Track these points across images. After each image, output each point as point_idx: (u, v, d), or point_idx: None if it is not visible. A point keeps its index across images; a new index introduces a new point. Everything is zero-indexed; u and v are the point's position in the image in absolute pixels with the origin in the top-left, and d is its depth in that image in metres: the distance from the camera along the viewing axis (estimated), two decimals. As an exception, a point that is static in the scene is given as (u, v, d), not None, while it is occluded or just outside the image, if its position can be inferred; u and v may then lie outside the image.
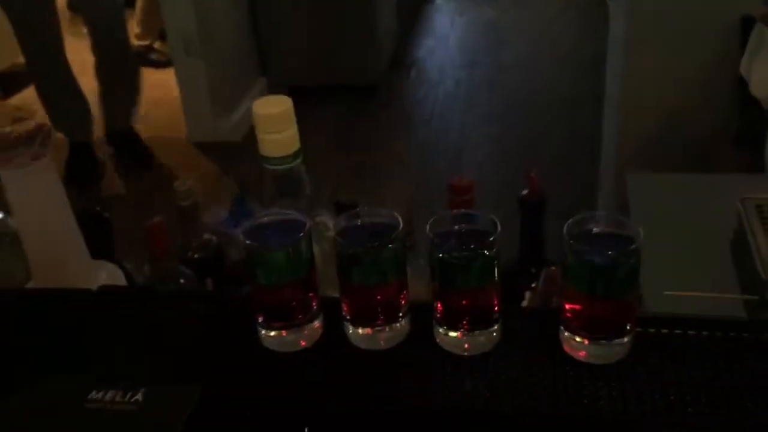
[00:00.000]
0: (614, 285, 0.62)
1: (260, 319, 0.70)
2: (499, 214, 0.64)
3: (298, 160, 0.82)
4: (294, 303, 0.69)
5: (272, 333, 0.70)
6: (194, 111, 3.00)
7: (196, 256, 1.13)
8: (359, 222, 0.67)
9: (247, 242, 0.65)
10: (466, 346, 0.67)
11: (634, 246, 0.61)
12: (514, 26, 3.96)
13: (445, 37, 3.89)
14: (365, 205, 0.71)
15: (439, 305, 0.67)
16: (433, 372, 0.67)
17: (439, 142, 3.06)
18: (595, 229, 0.63)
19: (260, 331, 0.71)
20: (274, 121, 0.80)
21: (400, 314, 0.69)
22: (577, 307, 0.64)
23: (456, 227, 0.66)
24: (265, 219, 0.69)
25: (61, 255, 0.91)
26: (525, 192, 1.05)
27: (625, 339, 0.65)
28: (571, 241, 0.62)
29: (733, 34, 2.15)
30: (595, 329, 0.64)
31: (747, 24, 2.08)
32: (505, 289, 0.66)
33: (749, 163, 1.89)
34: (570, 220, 0.63)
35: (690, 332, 0.68)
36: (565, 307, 0.66)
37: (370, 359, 0.69)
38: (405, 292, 0.69)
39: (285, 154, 0.79)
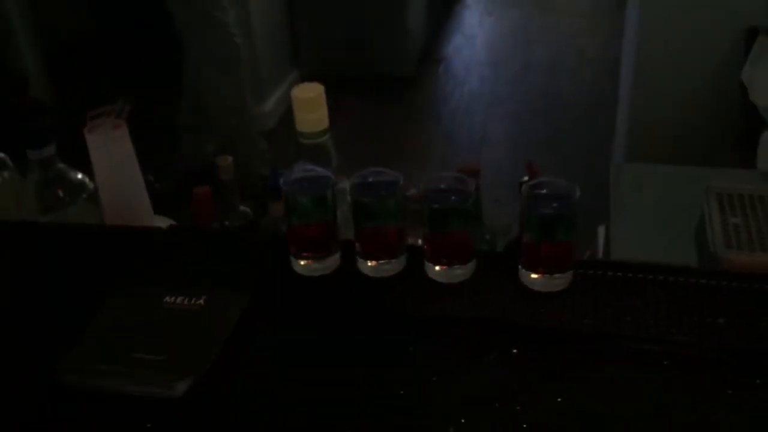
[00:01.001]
0: (556, 231, 0.84)
1: (293, 251, 0.93)
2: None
3: (327, 136, 1.04)
4: (319, 239, 0.92)
5: (302, 262, 0.93)
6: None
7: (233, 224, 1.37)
8: (370, 179, 0.89)
9: (285, 188, 0.88)
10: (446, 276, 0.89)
11: (571, 201, 0.82)
12: (541, 28, 4.13)
13: (474, 36, 4.08)
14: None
15: (428, 246, 0.89)
16: (424, 294, 0.89)
17: (462, 137, 3.26)
18: (544, 191, 0.84)
19: (293, 261, 0.93)
20: (310, 103, 1.03)
21: (399, 251, 0.91)
22: (530, 249, 0.86)
23: (443, 185, 0.88)
24: (300, 174, 0.91)
25: (132, 208, 1.14)
26: (525, 178, 1.25)
27: (566, 273, 0.87)
28: (526, 199, 0.84)
29: (738, 44, 2.30)
30: (544, 266, 0.86)
31: (751, 35, 2.24)
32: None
33: (748, 166, 2.05)
34: (525, 185, 0.84)
35: (629, 274, 0.89)
36: (522, 251, 0.87)
37: (376, 285, 0.91)
38: (404, 234, 0.91)
39: (318, 129, 1.01)
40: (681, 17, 2.28)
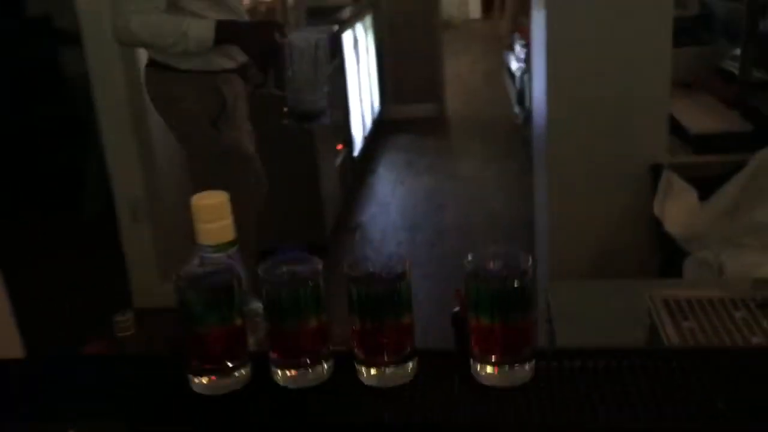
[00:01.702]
0: (512, 308, 0.70)
1: (191, 366, 0.74)
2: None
3: (235, 248, 0.89)
4: (222, 348, 0.74)
5: (203, 380, 0.74)
6: (141, 276, 3.02)
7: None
8: (283, 268, 0.75)
9: (179, 284, 0.72)
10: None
11: (525, 272, 0.69)
12: (451, 194, 4.22)
13: (388, 203, 4.11)
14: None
15: (357, 343, 0.73)
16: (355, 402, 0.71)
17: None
18: (492, 263, 0.71)
19: (191, 379, 0.75)
20: (212, 210, 0.89)
21: (323, 354, 0.75)
22: (482, 334, 0.71)
23: (371, 268, 0.74)
24: (197, 268, 0.75)
25: None
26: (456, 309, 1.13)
27: (527, 366, 0.71)
28: (472, 274, 0.70)
29: (645, 179, 2.36)
30: (500, 353, 0.71)
31: (655, 171, 2.31)
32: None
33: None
34: (467, 259, 0.71)
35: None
36: (471, 339, 0.72)
37: (296, 398, 0.73)
38: (326, 332, 0.75)
39: (223, 241, 0.87)
40: (585, 160, 2.33)
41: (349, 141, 4.02)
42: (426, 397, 0.71)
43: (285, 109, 1.83)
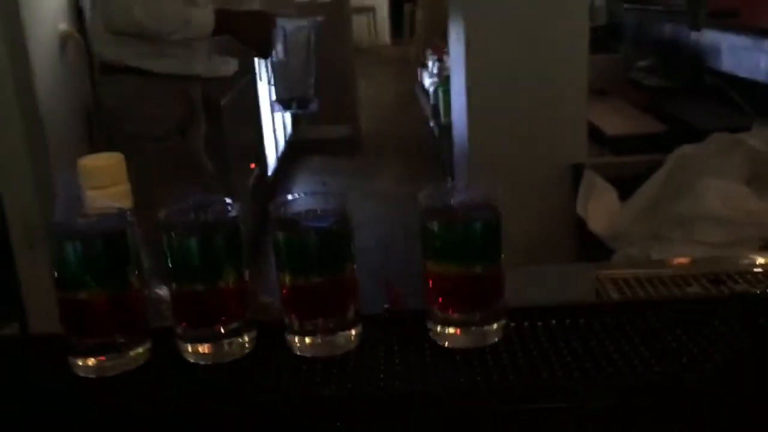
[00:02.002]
0: (477, 252, 0.57)
1: (72, 342, 0.58)
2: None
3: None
4: (111, 320, 0.58)
5: (89, 361, 0.58)
6: (37, 302, 2.75)
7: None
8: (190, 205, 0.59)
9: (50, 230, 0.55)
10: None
11: (494, 206, 0.57)
12: (367, 212, 4.11)
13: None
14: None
15: (287, 305, 0.59)
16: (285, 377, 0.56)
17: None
18: (452, 199, 0.59)
19: (71, 360, 0.58)
20: (102, 173, 0.73)
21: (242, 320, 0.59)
22: (440, 285, 0.58)
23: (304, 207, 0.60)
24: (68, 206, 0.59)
25: None
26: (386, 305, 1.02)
27: (495, 325, 0.59)
28: (427, 210, 0.57)
29: (566, 182, 2.32)
30: (466, 308, 0.58)
31: (576, 172, 2.27)
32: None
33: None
34: (423, 194, 0.58)
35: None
36: (426, 294, 0.59)
37: (208, 376, 0.57)
38: (246, 290, 0.60)
39: None
40: (508, 162, 2.28)
41: (261, 160, 3.86)
42: (375, 367, 0.57)
43: (273, 98, 1.89)
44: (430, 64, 4.32)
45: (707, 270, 1.21)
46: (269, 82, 1.92)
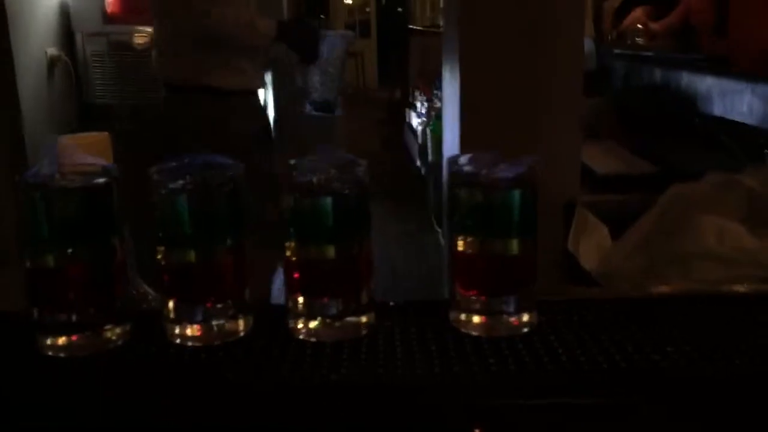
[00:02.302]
0: (510, 225, 0.50)
1: (39, 318, 0.50)
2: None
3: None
4: (89, 292, 0.50)
5: (58, 340, 0.50)
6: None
7: None
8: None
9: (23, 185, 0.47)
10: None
11: (532, 177, 0.50)
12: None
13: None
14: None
15: (293, 285, 0.51)
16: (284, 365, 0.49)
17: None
18: (482, 169, 0.52)
19: (39, 338, 0.50)
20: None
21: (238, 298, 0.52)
22: (467, 265, 0.51)
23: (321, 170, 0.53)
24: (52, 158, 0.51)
25: None
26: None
27: (528, 306, 0.52)
28: (456, 182, 0.51)
29: (559, 219, 2.28)
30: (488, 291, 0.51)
31: (568, 209, 2.23)
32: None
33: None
34: (449, 161, 0.52)
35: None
36: (451, 276, 0.52)
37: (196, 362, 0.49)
38: (245, 266, 0.52)
39: None
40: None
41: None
42: (389, 354, 0.50)
43: (308, 101, 2.09)
44: (418, 104, 4.31)
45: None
46: (302, 86, 2.10)
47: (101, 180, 0.49)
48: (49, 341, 0.50)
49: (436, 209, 3.22)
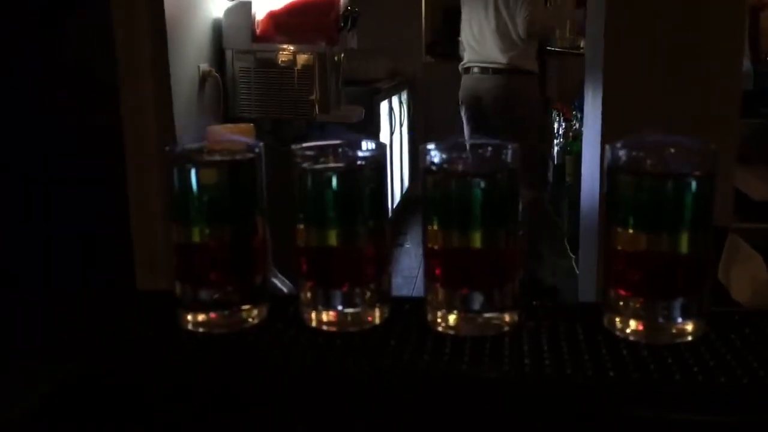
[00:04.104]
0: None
1: (181, 293, 0.50)
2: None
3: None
4: (228, 268, 0.50)
5: (199, 317, 0.49)
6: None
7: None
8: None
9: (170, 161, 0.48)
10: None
11: (710, 164, 0.45)
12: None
13: (413, 277, 3.86)
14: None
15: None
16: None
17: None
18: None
19: (181, 314, 0.50)
20: None
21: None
22: (632, 262, 0.46)
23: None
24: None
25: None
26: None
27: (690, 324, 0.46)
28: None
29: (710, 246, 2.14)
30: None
31: (719, 235, 2.08)
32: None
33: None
34: (611, 146, 0.48)
35: None
36: (609, 272, 0.47)
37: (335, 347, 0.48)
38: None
39: None
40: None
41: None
42: (535, 353, 0.46)
43: None
44: (555, 125, 4.20)
45: None
46: None
47: (246, 156, 0.49)
48: (189, 317, 0.50)
49: (570, 234, 3.10)
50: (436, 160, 0.48)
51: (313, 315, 0.50)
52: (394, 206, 4.28)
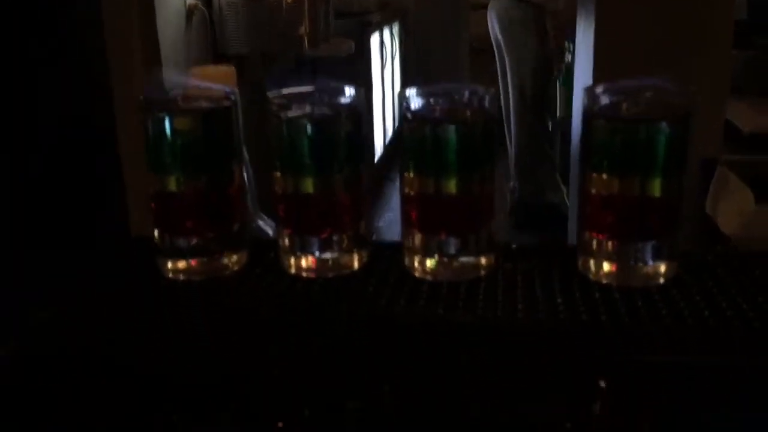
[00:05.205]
0: (662, 163, 0.45)
1: (159, 243, 0.50)
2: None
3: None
4: (204, 216, 0.50)
5: (179, 263, 0.50)
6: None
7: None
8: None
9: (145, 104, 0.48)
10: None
11: (686, 111, 0.45)
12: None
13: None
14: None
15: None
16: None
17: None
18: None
19: (160, 261, 0.50)
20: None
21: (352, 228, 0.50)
22: (604, 203, 0.47)
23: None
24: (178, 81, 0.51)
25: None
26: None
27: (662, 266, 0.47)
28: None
29: (694, 176, 2.15)
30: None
31: (707, 167, 2.08)
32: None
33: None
34: (587, 89, 0.47)
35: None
36: (582, 212, 0.48)
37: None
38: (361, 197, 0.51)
39: None
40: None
41: (369, 147, 3.78)
42: (509, 297, 0.47)
43: None
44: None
45: None
46: None
47: (221, 104, 0.49)
48: (169, 264, 0.50)
49: (562, 167, 3.10)
50: (413, 106, 0.48)
51: (292, 261, 0.50)
52: (386, 143, 4.25)
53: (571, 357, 0.42)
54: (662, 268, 0.48)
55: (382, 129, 4.12)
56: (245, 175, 0.56)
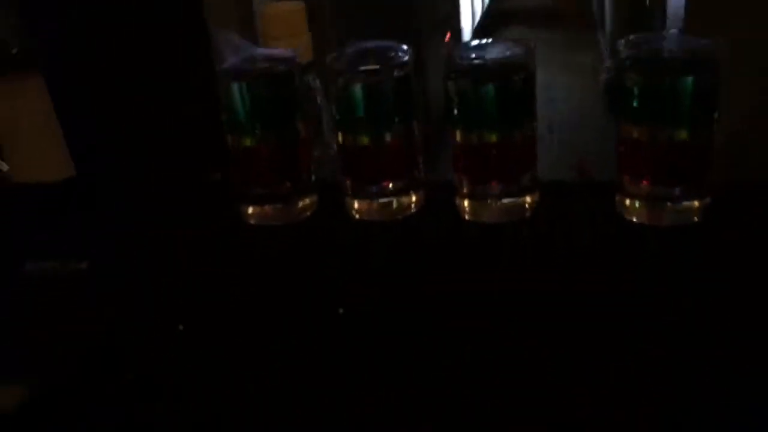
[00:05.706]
0: (690, 111, 0.48)
1: (238, 190, 0.58)
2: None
3: (311, 77, 0.72)
4: (276, 168, 0.57)
5: (250, 209, 0.57)
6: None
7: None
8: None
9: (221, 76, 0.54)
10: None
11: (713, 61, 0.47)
12: (564, 86, 3.88)
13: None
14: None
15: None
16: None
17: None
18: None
19: (241, 206, 0.58)
20: (286, 22, 0.73)
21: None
22: (639, 148, 0.50)
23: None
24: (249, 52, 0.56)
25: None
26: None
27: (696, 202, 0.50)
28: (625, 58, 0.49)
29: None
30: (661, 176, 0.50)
31: None
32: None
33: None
34: (623, 41, 0.50)
35: None
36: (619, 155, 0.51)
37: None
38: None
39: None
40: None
41: (457, 31, 3.71)
42: (548, 238, 0.52)
43: None
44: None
45: None
46: None
47: (285, 68, 0.54)
48: (248, 210, 0.58)
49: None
50: (457, 61, 0.52)
51: (355, 205, 0.56)
52: (475, 24, 4.14)
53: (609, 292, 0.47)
54: (695, 205, 0.51)
55: (471, 12, 4.01)
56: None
